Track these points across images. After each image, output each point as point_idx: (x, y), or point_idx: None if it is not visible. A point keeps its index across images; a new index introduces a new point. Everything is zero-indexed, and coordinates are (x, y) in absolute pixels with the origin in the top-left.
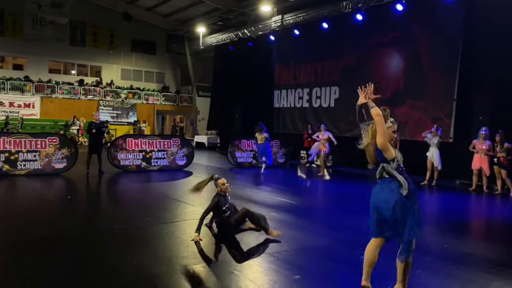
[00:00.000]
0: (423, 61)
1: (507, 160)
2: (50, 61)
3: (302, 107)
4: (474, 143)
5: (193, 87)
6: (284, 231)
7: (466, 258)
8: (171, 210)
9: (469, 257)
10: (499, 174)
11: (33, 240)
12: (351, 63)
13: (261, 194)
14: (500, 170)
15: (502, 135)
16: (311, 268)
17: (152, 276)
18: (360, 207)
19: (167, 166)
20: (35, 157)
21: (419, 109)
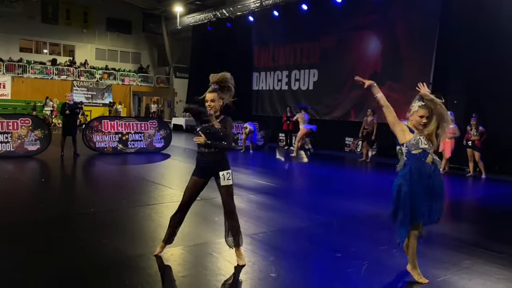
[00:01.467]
0: (401, 44)
1: (481, 143)
2: (21, 39)
3: (281, 90)
4: None
5: (170, 68)
6: (262, 213)
7: (438, 238)
8: (148, 192)
9: (441, 237)
10: (472, 156)
11: (5, 224)
12: (330, 45)
13: (239, 176)
14: (474, 153)
15: (477, 118)
16: (288, 249)
17: (129, 258)
18: (337, 189)
19: (144, 149)
20: (7, 138)
21: (397, 92)
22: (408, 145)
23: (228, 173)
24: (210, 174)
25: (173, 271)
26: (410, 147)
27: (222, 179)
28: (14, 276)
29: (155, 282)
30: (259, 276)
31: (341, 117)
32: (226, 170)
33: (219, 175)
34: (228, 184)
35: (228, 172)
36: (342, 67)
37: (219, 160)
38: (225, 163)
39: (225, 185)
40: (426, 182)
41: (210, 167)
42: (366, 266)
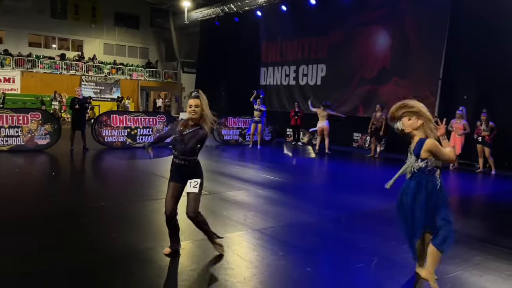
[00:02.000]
0: (410, 39)
1: (491, 138)
2: (30, 34)
3: (289, 85)
4: (452, 122)
5: (178, 63)
6: (270, 207)
7: None
8: (156, 186)
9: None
10: (482, 152)
11: (16, 218)
12: (338, 40)
13: (247, 171)
14: (484, 148)
15: (487, 114)
16: (296, 243)
17: (138, 251)
18: (345, 184)
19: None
20: (18, 132)
21: (405, 87)
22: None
23: (195, 182)
24: (183, 181)
25: (182, 265)
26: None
27: (188, 186)
28: (25, 268)
29: (164, 275)
30: (268, 271)
31: (349, 112)
32: (195, 178)
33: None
34: (193, 191)
35: (196, 180)
36: (351, 62)
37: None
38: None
39: (191, 192)
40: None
41: (181, 174)
42: (376, 262)
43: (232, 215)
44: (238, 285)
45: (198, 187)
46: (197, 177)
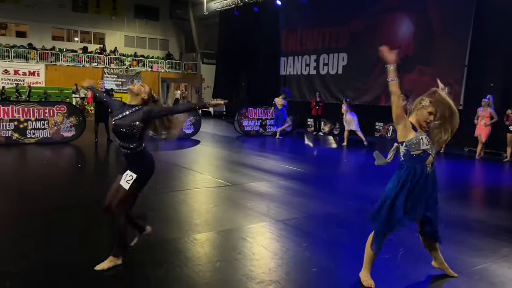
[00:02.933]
0: (434, 26)
1: None
2: (53, 28)
3: (309, 75)
4: (478, 111)
5: (198, 54)
6: (293, 198)
7: (476, 225)
8: (180, 178)
9: (479, 224)
10: (511, 141)
11: (46, 208)
12: (359, 29)
13: (268, 162)
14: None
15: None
16: (321, 235)
17: (166, 242)
18: (368, 174)
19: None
20: (44, 125)
21: (428, 75)
22: (408, 145)
23: (130, 176)
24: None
25: (207, 255)
26: (410, 147)
27: (123, 178)
28: (59, 258)
29: (192, 265)
30: (294, 261)
31: (371, 101)
32: (132, 172)
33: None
34: (124, 185)
35: (132, 175)
36: (372, 51)
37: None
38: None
39: (121, 185)
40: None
41: (124, 165)
42: (402, 253)
43: (255, 206)
44: (263, 276)
45: (130, 183)
46: (134, 171)
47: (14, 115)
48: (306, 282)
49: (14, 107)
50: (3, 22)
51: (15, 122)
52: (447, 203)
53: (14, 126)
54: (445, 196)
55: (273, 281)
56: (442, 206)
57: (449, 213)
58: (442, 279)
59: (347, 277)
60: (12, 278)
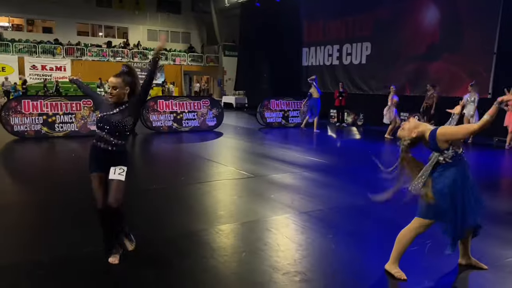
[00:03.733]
0: (461, 12)
1: None
2: (78, 23)
3: (332, 65)
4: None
5: (219, 46)
6: (317, 190)
7: (506, 217)
8: (204, 170)
9: (509, 216)
10: None
11: (77, 199)
12: (384, 17)
13: (291, 153)
14: None
15: None
16: (346, 226)
17: (192, 233)
18: (391, 166)
19: (198, 127)
20: (71, 119)
21: (455, 64)
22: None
23: (121, 169)
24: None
25: (233, 246)
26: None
27: (112, 172)
28: (88, 248)
29: (218, 256)
30: (319, 253)
31: (396, 91)
32: (121, 166)
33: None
34: (119, 179)
35: (122, 168)
36: (397, 39)
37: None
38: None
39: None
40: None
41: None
42: (429, 245)
43: (279, 197)
44: (289, 267)
45: (124, 175)
46: (123, 164)
47: (42, 110)
48: (332, 274)
49: (42, 101)
50: (30, 18)
51: (43, 116)
52: None
53: (43, 120)
54: None
55: (298, 272)
56: None
57: None
58: (471, 271)
59: (373, 269)
60: (45, 267)
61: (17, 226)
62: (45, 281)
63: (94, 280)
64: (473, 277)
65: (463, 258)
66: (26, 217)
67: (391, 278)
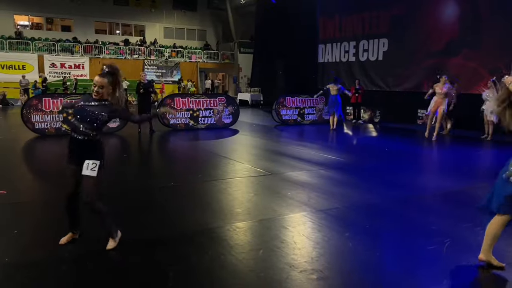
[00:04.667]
0: (481, 7)
1: None
2: (95, 22)
3: (348, 62)
4: None
5: (235, 43)
6: (334, 188)
7: None
8: (221, 167)
9: None
10: None
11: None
12: (401, 12)
13: (307, 151)
14: None
15: None
16: (363, 225)
17: (209, 230)
18: (409, 164)
19: (214, 125)
20: None
21: (475, 60)
22: None
23: (94, 164)
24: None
25: (250, 243)
26: None
27: (85, 167)
28: (99, 245)
29: (236, 253)
30: (335, 251)
31: (413, 88)
32: (93, 160)
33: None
34: (91, 175)
35: (95, 162)
36: (415, 35)
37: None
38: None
39: (87, 175)
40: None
41: (78, 153)
42: (448, 244)
43: (295, 195)
44: (306, 265)
45: (96, 170)
46: (96, 158)
47: None
48: (348, 272)
49: (62, 99)
50: (49, 17)
51: (63, 113)
52: None
53: (63, 118)
54: (491, 186)
55: (315, 270)
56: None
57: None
58: (489, 271)
59: (389, 267)
60: (67, 263)
61: (39, 223)
62: (67, 277)
63: (112, 275)
64: (491, 277)
65: (483, 254)
66: (48, 214)
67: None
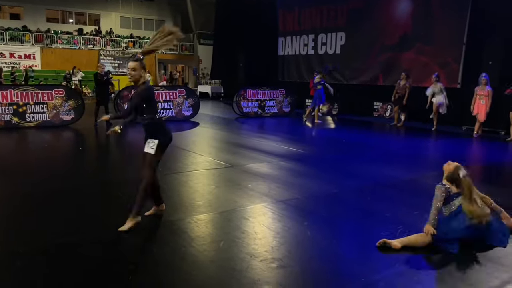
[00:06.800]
0: (433, 3)
1: None
2: (47, 10)
3: (307, 55)
4: (476, 89)
5: (194, 35)
6: (294, 179)
7: None
8: (181, 160)
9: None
10: None
11: (49, 190)
12: (357, 7)
13: (268, 143)
14: None
15: None
16: (322, 214)
17: (170, 223)
18: (365, 154)
19: (174, 117)
20: (43, 109)
21: (427, 54)
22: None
23: (153, 142)
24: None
25: (211, 235)
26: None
27: (146, 145)
28: (63, 239)
29: (197, 245)
30: (296, 240)
31: (369, 81)
32: (153, 139)
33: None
34: (149, 151)
35: (154, 141)
36: (371, 30)
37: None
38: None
39: (146, 152)
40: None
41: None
42: (400, 230)
43: (256, 187)
44: (266, 254)
45: (154, 148)
46: (155, 137)
47: (12, 99)
48: (308, 260)
49: (12, 91)
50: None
51: (14, 106)
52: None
53: (13, 110)
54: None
55: (276, 258)
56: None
57: None
58: (439, 255)
59: (347, 254)
60: (20, 258)
61: None
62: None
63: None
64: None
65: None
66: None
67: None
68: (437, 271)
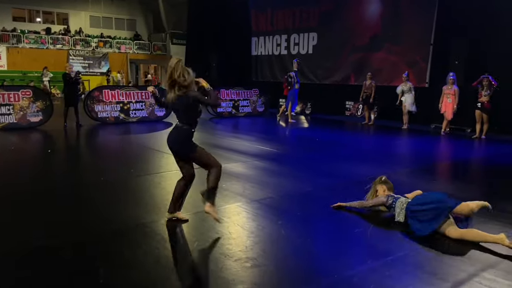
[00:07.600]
0: (401, 5)
1: (490, 104)
2: (13, 8)
3: (280, 55)
4: (443, 89)
5: (167, 34)
6: (268, 178)
7: None
8: (154, 161)
9: None
10: (480, 118)
11: (20, 193)
12: (329, 8)
13: (241, 143)
14: (482, 115)
15: (486, 78)
16: (296, 212)
17: (143, 225)
18: (340, 153)
19: (146, 118)
20: (9, 110)
21: (396, 54)
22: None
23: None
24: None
25: (186, 236)
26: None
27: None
28: (35, 243)
29: (169, 247)
30: (270, 239)
31: (341, 81)
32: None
33: None
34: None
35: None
36: (341, 31)
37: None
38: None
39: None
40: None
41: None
42: (372, 227)
43: (230, 186)
44: (240, 254)
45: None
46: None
47: None
48: (283, 258)
49: None
50: None
51: None
52: (413, 177)
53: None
54: (411, 171)
55: (250, 258)
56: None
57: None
58: (413, 251)
59: (322, 252)
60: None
61: None
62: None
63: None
64: (411, 255)
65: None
66: None
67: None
68: (408, 266)
